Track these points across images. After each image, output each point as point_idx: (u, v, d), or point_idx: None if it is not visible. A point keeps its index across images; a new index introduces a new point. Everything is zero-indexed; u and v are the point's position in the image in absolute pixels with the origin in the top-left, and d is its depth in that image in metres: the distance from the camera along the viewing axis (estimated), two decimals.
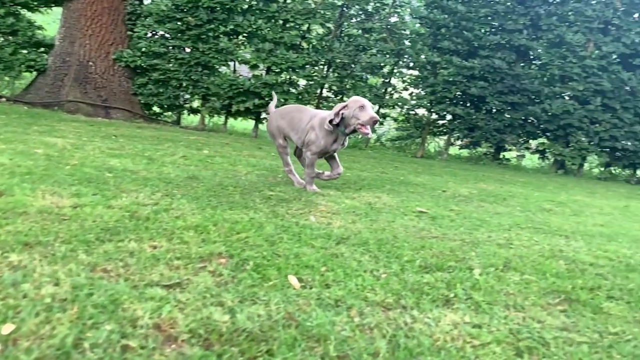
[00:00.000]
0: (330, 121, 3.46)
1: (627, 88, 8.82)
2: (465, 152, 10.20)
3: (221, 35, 8.68)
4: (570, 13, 8.89)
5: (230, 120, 9.42)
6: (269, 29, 8.66)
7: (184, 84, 8.79)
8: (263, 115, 8.92)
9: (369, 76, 9.20)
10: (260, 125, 9.14)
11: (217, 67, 8.91)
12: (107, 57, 8.55)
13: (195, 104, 9.31)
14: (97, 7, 8.42)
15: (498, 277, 2.12)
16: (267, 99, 8.59)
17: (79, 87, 8.38)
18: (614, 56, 8.96)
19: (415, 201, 3.78)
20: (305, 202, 3.22)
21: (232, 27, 8.63)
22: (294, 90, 8.87)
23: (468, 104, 9.54)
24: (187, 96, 9.15)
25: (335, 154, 3.77)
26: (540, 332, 1.62)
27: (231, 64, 9.07)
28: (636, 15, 8.95)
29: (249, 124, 9.56)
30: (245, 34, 8.90)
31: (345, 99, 9.32)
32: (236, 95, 8.66)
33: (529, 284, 2.09)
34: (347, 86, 9.22)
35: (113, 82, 8.61)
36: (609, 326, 1.72)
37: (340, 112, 3.43)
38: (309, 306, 1.60)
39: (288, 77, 8.80)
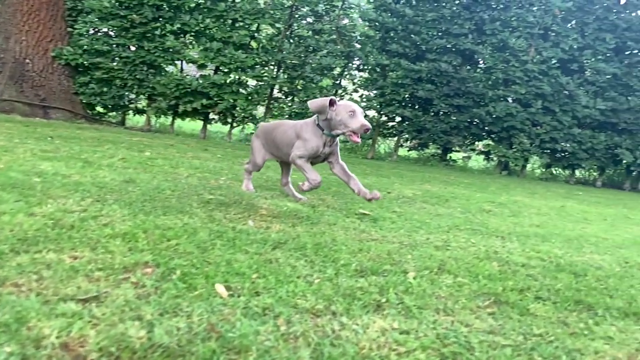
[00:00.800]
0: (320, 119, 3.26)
1: (566, 92, 9.22)
2: (414, 154, 10.37)
3: (168, 34, 8.47)
4: (513, 19, 9.20)
5: (178, 121, 9.20)
6: (217, 28, 8.52)
7: (129, 84, 8.51)
8: (211, 115, 8.77)
9: (319, 77, 9.20)
10: (208, 126, 8.97)
11: (164, 66, 8.69)
12: (46, 55, 8.17)
13: (142, 104, 9.04)
14: (35, 2, 8.04)
15: (431, 281, 2.13)
16: (215, 99, 8.46)
17: (14, 86, 7.97)
18: (554, 61, 9.34)
19: (359, 203, 3.78)
20: (246, 205, 3.16)
21: (179, 25, 8.43)
22: (243, 91, 8.76)
23: (416, 106, 9.71)
24: (132, 96, 8.87)
25: (343, 165, 3.46)
26: (467, 337, 1.63)
27: (178, 63, 8.87)
28: (573, 22, 9.35)
29: (198, 124, 9.36)
30: (192, 33, 8.72)
31: (296, 100, 9.30)
32: (183, 95, 8.47)
33: (461, 286, 2.11)
34: (298, 87, 9.20)
35: (52, 80, 8.24)
36: (534, 327, 1.76)
37: (328, 112, 3.20)
38: (234, 316, 1.55)
39: (237, 77, 8.68)
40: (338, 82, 9.36)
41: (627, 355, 1.64)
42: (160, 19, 8.34)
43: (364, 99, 9.56)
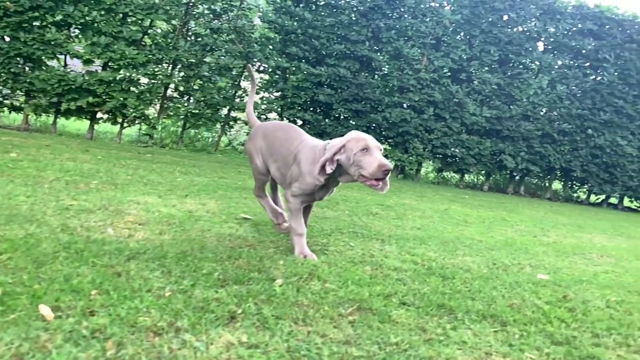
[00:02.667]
0: (323, 169, 2.43)
1: (456, 100, 9.72)
2: None
3: (49, 26, 7.76)
4: (407, 28, 9.54)
5: (62, 120, 8.47)
6: (105, 21, 7.96)
7: (2, 78, 7.68)
8: (99, 114, 8.17)
9: (217, 77, 8.93)
10: (96, 126, 8.36)
11: (45, 60, 7.95)
12: None
13: (20, 100, 8.20)
14: None
15: (298, 288, 2.05)
16: (103, 97, 7.89)
17: None
18: (445, 70, 9.82)
19: (244, 207, 3.64)
20: (112, 212, 2.90)
21: (61, 17, 7.76)
22: (134, 89, 8.26)
23: (317, 110, 9.75)
24: (7, 91, 8.03)
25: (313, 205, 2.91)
26: (320, 348, 1.55)
27: (61, 57, 8.16)
28: (462, 34, 9.90)
29: (85, 124, 8.69)
30: (78, 26, 8.07)
31: (192, 100, 8.95)
32: (66, 92, 7.79)
33: (327, 293, 2.04)
34: (195, 86, 8.86)
35: None
36: (391, 336, 1.72)
37: (335, 159, 2.41)
38: (53, 342, 1.34)
39: (128, 74, 8.16)
40: (237, 83, 9.13)
41: (474, 359, 1.65)
42: (39, 9, 7.61)
43: (265, 102, 9.43)
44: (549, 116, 10.22)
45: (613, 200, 11.05)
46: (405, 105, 9.73)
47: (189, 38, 8.85)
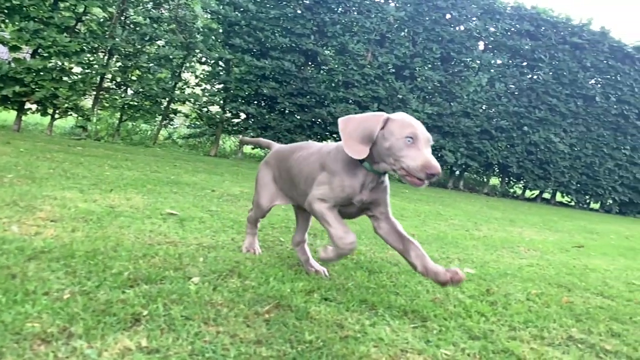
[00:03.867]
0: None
1: (399, 96, 9.84)
2: (260, 152, 10.27)
3: None
4: (352, 23, 9.56)
5: None
6: (34, 6, 7.50)
7: None
8: (28, 105, 7.71)
9: (157, 68, 8.63)
10: (24, 117, 7.88)
11: None
12: None
13: None
14: None
15: (215, 286, 1.96)
16: (32, 86, 7.44)
17: None
18: (389, 66, 9.92)
19: (172, 202, 3.50)
20: (23, 208, 2.70)
21: None
22: (66, 79, 7.84)
23: (262, 104, 9.62)
24: None
25: (396, 223, 2.20)
26: (227, 350, 1.47)
27: None
28: (406, 31, 10.03)
29: (11, 115, 8.18)
30: (4, 10, 7.56)
31: (129, 91, 8.61)
32: None
33: (246, 290, 1.96)
34: (133, 77, 8.52)
35: None
36: (306, 333, 1.66)
37: (375, 133, 1.92)
38: None
39: (59, 63, 7.73)
40: (178, 74, 8.87)
41: (391, 357, 1.62)
42: None
43: (207, 94, 9.21)
44: (488, 113, 10.53)
45: (546, 195, 11.56)
46: (350, 101, 9.76)
47: (127, 27, 8.49)
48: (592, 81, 10.95)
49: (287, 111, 9.57)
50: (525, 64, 10.72)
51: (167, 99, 8.72)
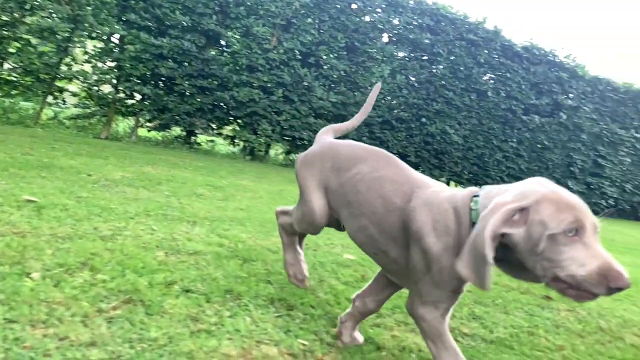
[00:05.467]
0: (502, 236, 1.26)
1: (305, 83, 9.78)
2: (157, 135, 9.77)
3: None
4: (257, 6, 9.32)
5: None
6: None
7: None
8: None
9: (39, 41, 7.83)
10: None
11: None
12: None
13: None
14: None
15: (58, 281, 1.75)
16: None
17: None
18: (295, 52, 9.81)
19: (35, 188, 3.14)
20: None
21: None
22: None
23: (159, 84, 9.11)
24: None
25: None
26: (49, 355, 1.30)
27: None
28: (312, 18, 9.97)
29: None
30: None
31: (6, 65, 7.74)
32: None
33: (94, 285, 1.78)
34: (10, 50, 7.68)
35: None
36: (152, 330, 1.53)
37: (502, 231, 1.24)
38: None
39: None
40: (64, 48, 8.11)
41: (244, 350, 1.53)
42: None
43: (97, 71, 8.53)
44: (389, 104, 10.80)
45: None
46: (254, 85, 9.54)
47: None
48: (486, 77, 11.60)
49: (187, 93, 9.14)
50: (425, 57, 11.10)
51: (51, 75, 7.96)
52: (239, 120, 9.79)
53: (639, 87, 12.91)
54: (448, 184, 11.88)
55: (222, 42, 9.49)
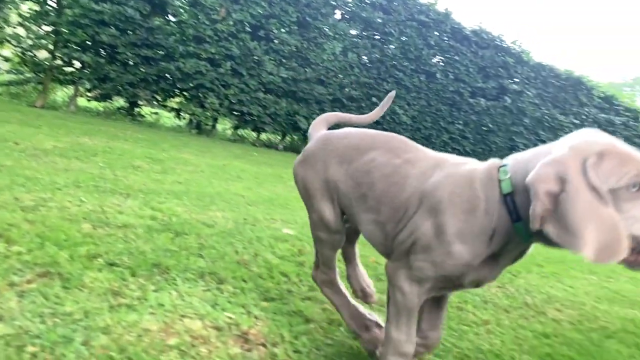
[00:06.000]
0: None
1: (254, 57, 9.58)
2: (99, 105, 9.34)
3: None
4: None
5: None
6: None
7: None
8: None
9: None
10: None
11: None
12: None
13: None
14: None
15: None
16: None
17: None
18: (245, 24, 9.56)
19: None
20: None
21: None
22: None
23: (100, 52, 8.66)
24: None
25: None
26: None
27: None
28: None
29: None
30: None
31: None
32: None
33: (7, 257, 1.67)
34: None
35: None
36: (68, 305, 1.45)
37: (549, 191, 1.08)
38: None
39: None
40: None
41: (165, 324, 1.48)
42: None
43: (33, 36, 8.00)
44: (341, 82, 10.77)
45: None
46: (201, 57, 9.25)
47: None
48: (435, 59, 11.75)
49: (130, 63, 8.74)
50: (377, 37, 11.10)
51: None
52: (185, 93, 9.49)
53: (579, 74, 13.47)
54: None
55: (169, 11, 9.11)
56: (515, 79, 12.51)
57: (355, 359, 1.51)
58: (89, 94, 8.84)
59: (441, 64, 11.74)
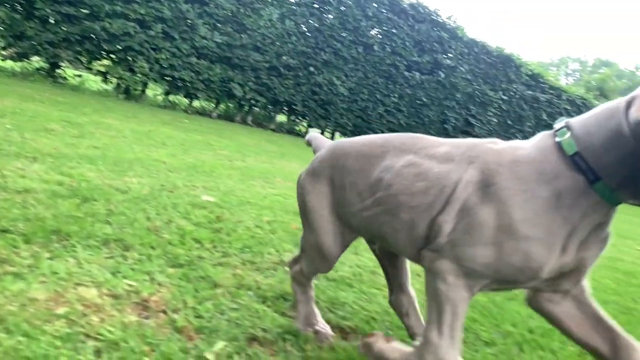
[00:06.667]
0: None
1: (188, 20, 9.18)
2: (16, 65, 8.65)
3: None
4: None
5: None
6: None
7: None
8: None
9: None
10: None
11: None
12: None
13: None
14: None
15: None
16: None
17: None
18: None
19: None
20: None
21: None
22: None
23: (16, 7, 7.99)
24: None
25: (590, 298, 1.22)
26: None
27: None
28: None
29: None
30: None
31: None
32: None
33: None
34: None
35: None
36: None
37: None
38: None
39: None
40: None
41: (56, 292, 1.39)
42: None
43: None
44: (278, 50, 10.57)
45: (327, 134, 12.36)
46: (130, 17, 8.75)
47: None
48: (373, 31, 11.76)
49: (50, 20, 8.12)
50: (315, 5, 10.93)
51: None
52: (113, 56, 8.97)
53: (509, 52, 13.94)
54: (333, 135, 12.11)
55: None
56: (449, 54, 12.78)
57: (260, 321, 1.50)
58: (3, 52, 8.17)
59: (379, 36, 11.78)
